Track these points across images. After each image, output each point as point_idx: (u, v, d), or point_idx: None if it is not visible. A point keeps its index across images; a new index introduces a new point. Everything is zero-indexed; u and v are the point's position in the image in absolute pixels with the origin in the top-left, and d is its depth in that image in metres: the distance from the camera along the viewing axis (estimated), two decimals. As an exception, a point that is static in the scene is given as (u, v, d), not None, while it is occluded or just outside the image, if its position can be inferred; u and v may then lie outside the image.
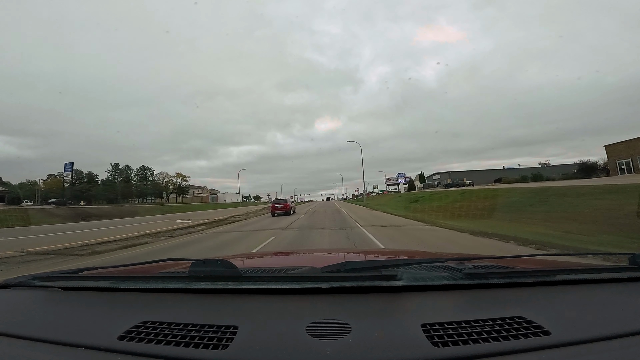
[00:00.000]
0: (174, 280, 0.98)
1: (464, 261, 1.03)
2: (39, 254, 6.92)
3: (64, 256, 6.77)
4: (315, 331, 0.63)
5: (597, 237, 6.21)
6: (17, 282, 1.03)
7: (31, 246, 7.75)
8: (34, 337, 0.69)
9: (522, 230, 7.66)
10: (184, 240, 9.39)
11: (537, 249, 5.40)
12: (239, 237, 9.57)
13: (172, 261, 1.37)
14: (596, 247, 5.20)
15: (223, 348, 0.60)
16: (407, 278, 0.85)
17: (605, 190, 11.52)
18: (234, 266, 0.96)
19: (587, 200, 10.89)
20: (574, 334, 0.60)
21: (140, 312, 0.80)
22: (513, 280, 0.88)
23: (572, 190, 13.37)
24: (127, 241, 8.99)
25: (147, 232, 11.12)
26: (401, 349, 0.57)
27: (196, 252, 7.12)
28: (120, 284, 0.99)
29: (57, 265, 5.90)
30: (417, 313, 0.73)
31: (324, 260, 1.46)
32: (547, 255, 1.45)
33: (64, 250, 7.43)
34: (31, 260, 6.27)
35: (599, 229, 7.17)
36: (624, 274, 0.89)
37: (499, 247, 5.86)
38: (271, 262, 1.77)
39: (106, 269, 1.27)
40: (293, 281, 0.87)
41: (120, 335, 0.66)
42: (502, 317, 0.67)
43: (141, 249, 7.86)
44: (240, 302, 0.83)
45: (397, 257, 1.65)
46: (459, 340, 0.59)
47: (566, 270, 0.95)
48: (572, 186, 14.77)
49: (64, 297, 0.97)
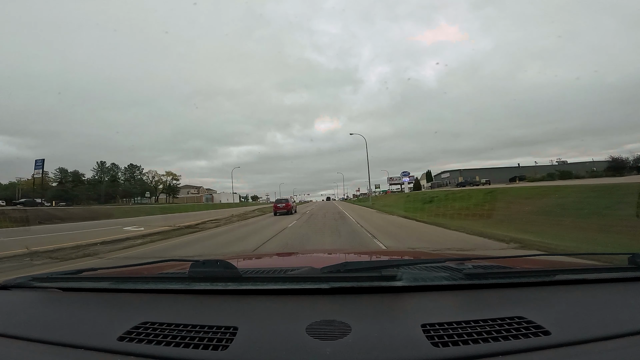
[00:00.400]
0: (173, 281, 0.99)
1: (463, 261, 1.06)
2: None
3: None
4: (315, 332, 0.63)
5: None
6: (16, 283, 1.04)
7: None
8: (34, 338, 0.70)
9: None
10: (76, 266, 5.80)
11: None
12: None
13: (172, 262, 1.41)
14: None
15: (223, 349, 0.60)
16: (407, 278, 0.85)
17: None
18: (234, 267, 0.96)
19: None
20: (574, 334, 0.61)
21: (140, 313, 0.80)
22: (513, 280, 0.88)
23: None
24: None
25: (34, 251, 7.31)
26: (401, 349, 0.57)
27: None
28: (120, 284, 0.99)
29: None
30: (417, 313, 0.73)
31: (323, 261, 1.49)
32: (547, 256, 1.52)
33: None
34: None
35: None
36: (623, 274, 0.90)
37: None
38: (271, 262, 1.79)
39: (106, 270, 1.28)
40: (293, 282, 0.88)
41: (120, 336, 0.66)
42: (502, 317, 0.67)
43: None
44: (240, 303, 0.83)
45: (396, 258, 1.64)
46: (459, 340, 0.59)
47: (566, 270, 0.96)
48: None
49: (64, 298, 0.98)
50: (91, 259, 6.90)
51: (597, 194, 11.62)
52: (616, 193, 11.03)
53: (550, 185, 19.20)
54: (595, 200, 11.00)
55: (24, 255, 6.98)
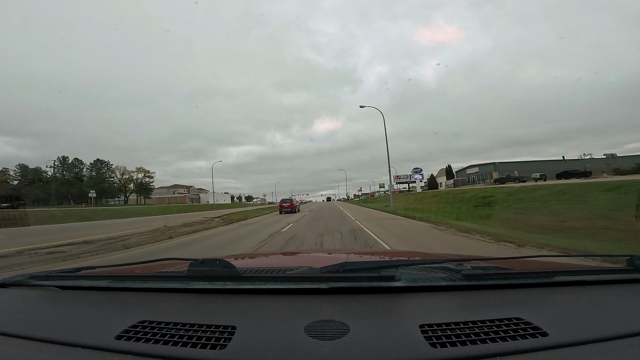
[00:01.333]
0: (172, 279, 0.99)
1: (462, 262, 1.07)
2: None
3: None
4: (313, 331, 0.63)
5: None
6: (14, 282, 1.04)
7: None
8: (31, 336, 0.69)
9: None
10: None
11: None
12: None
13: (171, 261, 1.39)
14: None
15: (221, 348, 0.60)
16: (406, 279, 0.85)
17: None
18: (233, 266, 0.96)
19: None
20: (571, 335, 0.61)
21: (138, 311, 0.80)
22: (511, 281, 0.88)
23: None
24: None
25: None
26: (399, 350, 0.57)
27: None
28: (118, 283, 0.99)
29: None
30: (415, 314, 0.73)
31: (322, 261, 1.49)
32: (545, 257, 1.45)
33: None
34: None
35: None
36: (622, 275, 0.90)
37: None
38: (270, 262, 1.77)
39: (104, 268, 1.28)
40: (291, 281, 0.87)
41: (118, 335, 0.66)
42: (500, 318, 0.67)
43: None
44: (238, 302, 0.83)
45: (395, 258, 1.64)
46: (457, 341, 0.59)
47: (564, 271, 0.96)
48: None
49: (62, 297, 0.97)
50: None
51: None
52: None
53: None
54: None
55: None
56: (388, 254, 2.20)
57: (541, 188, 17.07)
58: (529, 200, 14.06)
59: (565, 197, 13.18)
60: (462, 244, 6.43)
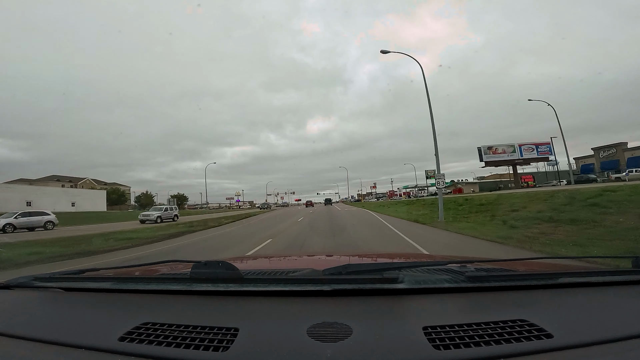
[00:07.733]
0: (175, 281, 0.99)
1: (465, 264, 1.04)
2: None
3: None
4: (316, 333, 0.63)
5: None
6: (19, 283, 1.04)
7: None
8: (35, 337, 0.70)
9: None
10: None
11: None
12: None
13: (174, 263, 1.39)
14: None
15: (224, 350, 0.60)
16: (409, 281, 0.85)
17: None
18: (235, 268, 0.95)
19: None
20: (576, 337, 0.60)
21: (141, 313, 0.80)
22: (515, 283, 0.88)
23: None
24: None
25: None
26: (402, 352, 0.57)
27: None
28: (122, 285, 0.99)
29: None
30: (419, 316, 0.73)
31: (325, 263, 1.52)
32: (550, 258, 1.44)
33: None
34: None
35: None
36: (627, 276, 0.89)
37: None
38: (272, 264, 1.77)
39: (108, 270, 1.27)
40: (294, 283, 0.87)
41: (121, 336, 0.66)
42: (505, 320, 0.66)
43: None
44: (241, 304, 0.83)
45: (399, 260, 1.64)
46: (460, 343, 0.59)
47: (569, 273, 0.95)
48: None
49: (65, 298, 0.98)
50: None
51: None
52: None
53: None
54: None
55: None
56: (391, 256, 2.18)
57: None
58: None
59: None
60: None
